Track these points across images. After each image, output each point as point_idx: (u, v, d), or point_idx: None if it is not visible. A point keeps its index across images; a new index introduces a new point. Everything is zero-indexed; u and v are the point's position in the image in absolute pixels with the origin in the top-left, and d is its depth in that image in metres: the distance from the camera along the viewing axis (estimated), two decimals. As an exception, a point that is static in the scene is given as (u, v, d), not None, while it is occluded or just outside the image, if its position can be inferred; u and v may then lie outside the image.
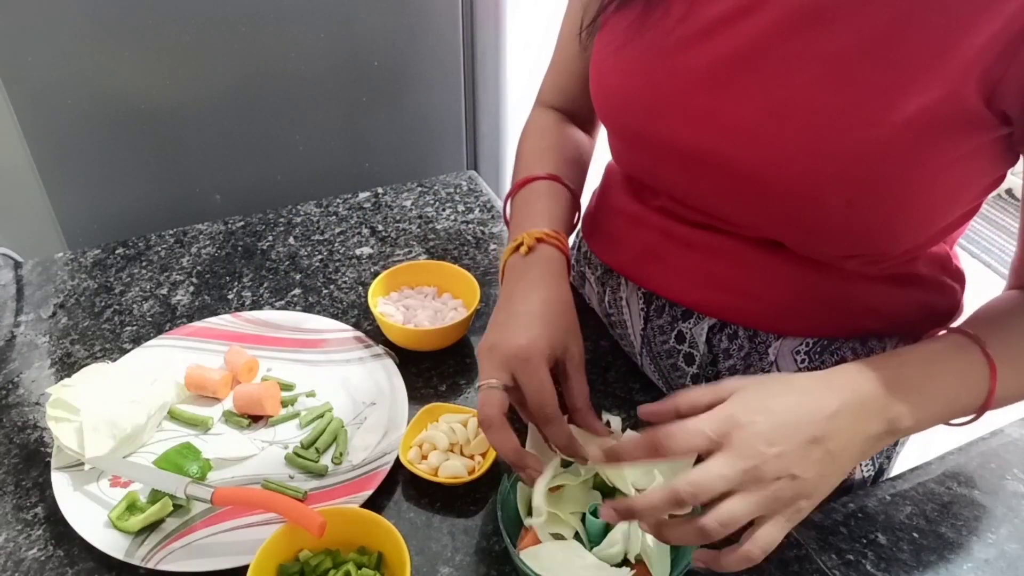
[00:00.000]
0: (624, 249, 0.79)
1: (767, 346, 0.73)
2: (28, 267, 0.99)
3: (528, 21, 1.33)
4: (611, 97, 0.70)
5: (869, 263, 0.66)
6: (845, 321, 0.71)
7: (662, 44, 0.64)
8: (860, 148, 0.55)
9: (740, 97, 0.60)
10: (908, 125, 0.54)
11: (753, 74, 0.59)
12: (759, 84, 0.59)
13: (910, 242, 0.63)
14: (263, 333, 0.86)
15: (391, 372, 0.80)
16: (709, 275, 0.71)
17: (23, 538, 0.67)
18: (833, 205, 0.58)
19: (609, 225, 0.81)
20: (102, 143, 1.14)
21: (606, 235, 0.82)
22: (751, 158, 0.60)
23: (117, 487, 0.70)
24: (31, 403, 0.80)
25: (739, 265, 0.69)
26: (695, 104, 0.62)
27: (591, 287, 0.89)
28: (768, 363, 0.73)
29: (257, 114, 1.22)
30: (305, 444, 0.74)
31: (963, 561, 0.65)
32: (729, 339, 0.74)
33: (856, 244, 0.62)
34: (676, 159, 0.66)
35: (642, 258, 0.77)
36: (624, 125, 0.70)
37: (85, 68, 1.07)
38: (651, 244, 0.75)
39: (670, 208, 0.72)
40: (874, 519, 0.69)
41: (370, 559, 0.61)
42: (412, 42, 1.26)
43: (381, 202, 1.12)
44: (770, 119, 0.58)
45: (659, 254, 0.74)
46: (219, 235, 1.05)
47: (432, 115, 1.36)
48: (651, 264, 0.76)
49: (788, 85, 0.57)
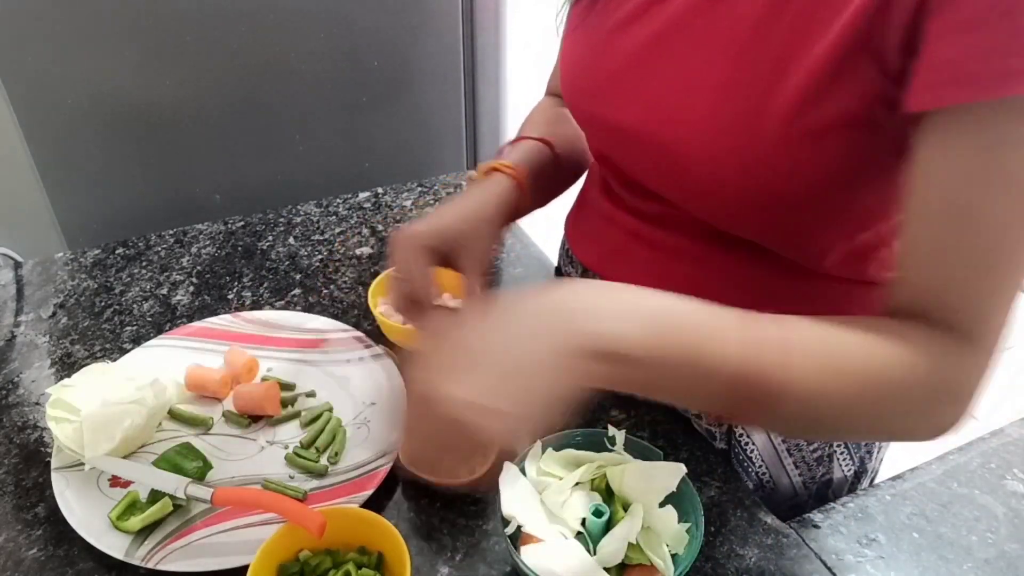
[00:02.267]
0: (598, 248, 0.80)
1: None
2: (28, 267, 0.99)
3: (528, 21, 1.33)
4: (565, 83, 0.73)
5: (809, 257, 0.66)
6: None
7: (600, 30, 0.68)
8: (757, 117, 0.56)
9: (658, 75, 0.63)
10: (797, 90, 0.54)
11: (669, 54, 0.62)
12: (673, 63, 0.61)
13: (822, 219, 0.63)
14: (263, 333, 0.86)
15: (391, 372, 0.80)
16: (671, 276, 0.71)
17: (23, 538, 0.67)
18: (730, 172, 0.59)
19: (586, 223, 0.83)
20: (102, 143, 1.14)
21: (584, 233, 0.84)
22: (667, 131, 0.62)
23: (117, 487, 0.70)
24: (31, 403, 0.80)
25: (701, 266, 0.70)
26: (625, 83, 0.65)
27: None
28: None
29: (257, 114, 1.22)
30: (305, 444, 0.74)
31: (963, 561, 0.65)
32: None
33: (765, 222, 0.63)
34: (615, 138, 0.69)
35: (612, 257, 0.78)
36: (576, 107, 0.73)
37: (85, 68, 1.07)
38: (620, 243, 0.76)
39: (636, 206, 0.73)
40: (874, 519, 0.69)
41: (370, 559, 0.61)
42: (412, 42, 1.26)
43: (381, 202, 1.12)
44: (681, 94, 0.61)
45: (627, 254, 0.76)
46: (219, 235, 1.05)
47: (432, 115, 1.36)
48: (620, 263, 0.77)
49: (696, 62, 0.60)
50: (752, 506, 0.69)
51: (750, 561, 0.64)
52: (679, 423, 0.77)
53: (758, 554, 0.65)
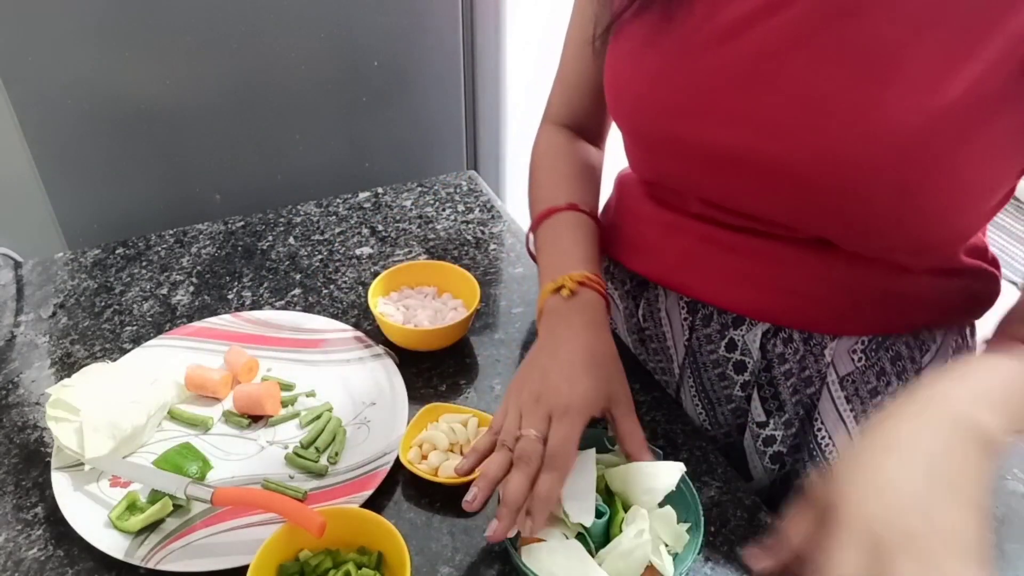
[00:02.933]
0: (660, 258, 0.77)
1: (823, 347, 0.72)
2: (28, 267, 0.99)
3: (528, 21, 1.33)
4: (636, 103, 0.68)
5: (915, 255, 0.65)
6: (897, 316, 0.70)
7: (686, 46, 0.63)
8: (905, 136, 0.55)
9: (775, 92, 0.59)
10: (951, 109, 0.53)
11: (786, 69, 0.58)
12: (794, 78, 0.58)
13: (959, 227, 0.62)
14: (263, 333, 0.86)
15: (391, 372, 0.80)
16: (758, 279, 0.70)
17: (23, 538, 0.67)
18: (879, 195, 0.57)
19: (637, 235, 0.79)
20: (102, 143, 1.14)
21: (635, 246, 0.80)
22: (789, 153, 0.59)
23: (117, 487, 0.70)
24: (31, 403, 0.80)
25: (789, 267, 0.68)
26: (726, 103, 0.61)
27: (615, 305, 0.87)
28: (824, 364, 0.73)
29: (257, 114, 1.21)
30: (305, 444, 0.74)
31: (963, 561, 0.65)
32: (784, 343, 0.72)
33: (906, 234, 0.61)
34: (709, 161, 0.64)
35: (682, 266, 0.74)
36: (650, 131, 0.68)
37: (85, 68, 1.07)
38: (690, 251, 0.73)
39: (706, 213, 0.70)
40: (874, 519, 0.68)
41: (370, 559, 0.61)
42: (412, 43, 1.26)
43: (381, 202, 1.12)
44: (807, 113, 0.58)
45: (700, 261, 0.72)
46: (219, 235, 1.05)
47: (432, 115, 1.36)
48: (693, 271, 0.74)
49: (825, 77, 0.57)
50: (752, 506, 0.69)
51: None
52: (679, 423, 0.77)
53: (758, 554, 0.65)
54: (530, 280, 0.96)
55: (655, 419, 0.77)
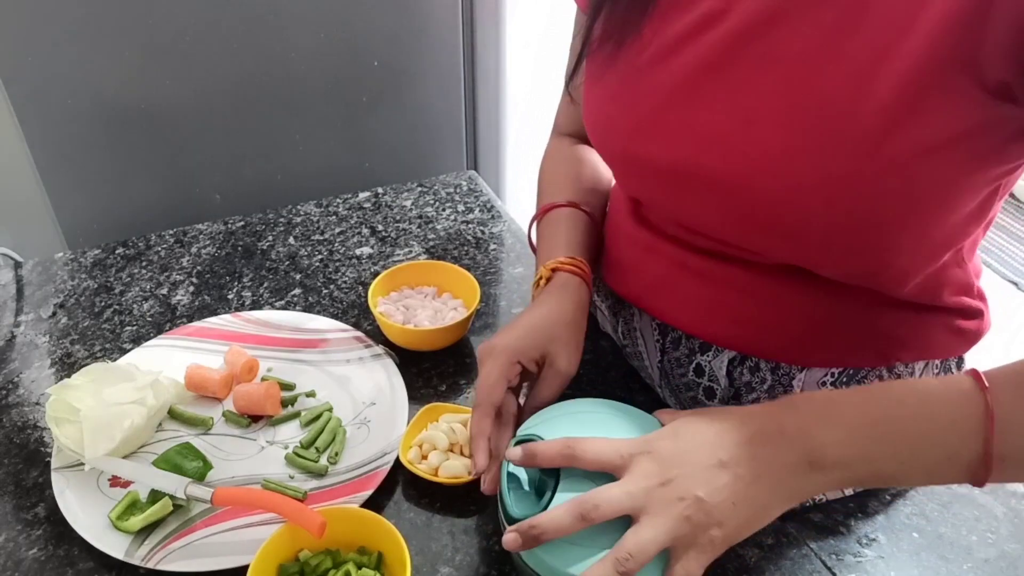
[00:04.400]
0: (637, 279, 0.77)
1: (791, 378, 0.70)
2: (28, 267, 0.99)
3: (528, 21, 1.33)
4: (596, 126, 0.71)
5: (891, 279, 0.63)
6: (870, 350, 0.68)
7: (635, 67, 0.64)
8: (836, 142, 0.53)
9: (711, 106, 0.59)
10: (881, 111, 0.52)
11: (722, 82, 0.58)
12: (728, 91, 0.58)
13: (926, 240, 0.59)
14: (263, 333, 0.86)
15: (391, 372, 0.80)
16: (726, 307, 0.69)
17: (23, 538, 0.67)
18: (813, 207, 0.56)
19: (620, 253, 0.79)
20: (102, 143, 1.14)
21: (617, 263, 0.80)
22: (729, 166, 0.58)
23: (117, 487, 0.70)
24: (31, 403, 0.80)
25: (757, 296, 0.67)
26: (670, 119, 0.62)
27: (603, 315, 0.87)
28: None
29: (257, 114, 1.21)
30: (305, 444, 0.74)
31: (963, 561, 0.65)
32: (751, 372, 0.71)
33: (868, 249, 0.59)
34: (662, 177, 0.65)
35: (655, 288, 0.74)
36: (611, 151, 0.70)
37: (85, 68, 1.07)
38: (664, 274, 0.73)
39: (680, 236, 0.70)
40: (874, 519, 0.69)
41: (370, 559, 0.61)
42: (412, 42, 1.26)
43: (381, 202, 1.12)
44: (742, 125, 0.57)
45: (672, 285, 0.72)
46: (219, 235, 1.05)
47: (432, 115, 1.36)
48: (665, 295, 0.73)
49: (757, 89, 0.56)
50: (752, 506, 0.69)
51: (750, 561, 0.64)
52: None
53: (758, 554, 0.65)
54: (530, 280, 0.96)
55: (655, 419, 0.77)
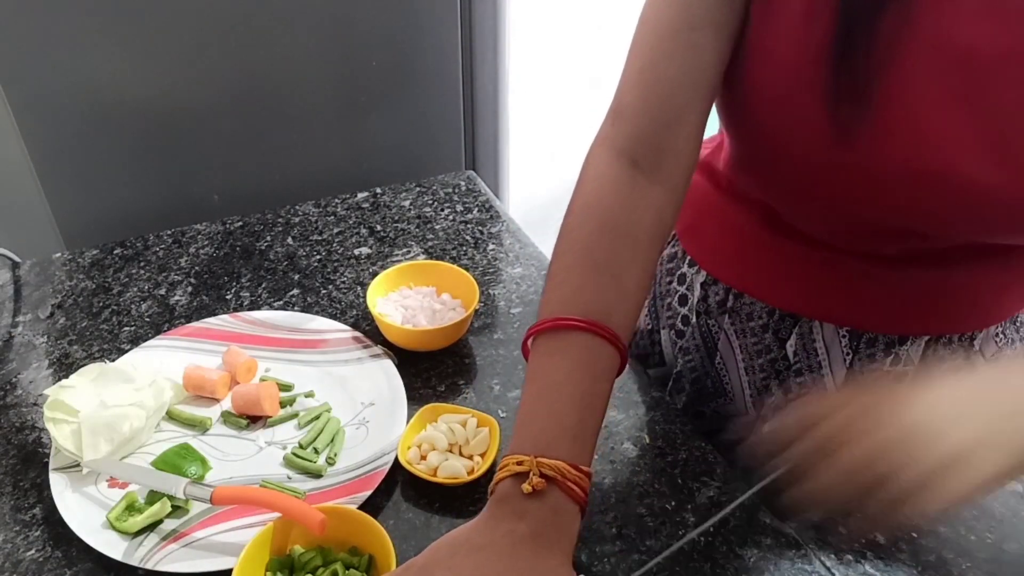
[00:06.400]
0: (819, 293, 0.75)
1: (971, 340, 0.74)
2: (26, 267, 0.99)
3: (527, 21, 1.33)
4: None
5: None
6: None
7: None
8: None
9: (977, 115, 0.55)
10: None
11: (989, 90, 0.55)
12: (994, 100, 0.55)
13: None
14: (261, 333, 0.86)
15: (390, 372, 0.80)
16: (913, 297, 0.72)
17: (21, 539, 0.66)
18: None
19: (779, 272, 0.76)
20: (100, 143, 1.14)
21: (779, 281, 0.76)
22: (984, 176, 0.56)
23: (115, 488, 0.70)
24: (29, 404, 0.80)
25: (939, 278, 0.69)
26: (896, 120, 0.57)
27: (733, 340, 0.81)
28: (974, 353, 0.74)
29: (255, 114, 1.21)
30: (303, 444, 0.73)
31: (963, 561, 0.65)
32: (943, 347, 0.74)
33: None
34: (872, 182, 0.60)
35: (841, 297, 0.74)
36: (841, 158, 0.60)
37: (83, 68, 1.07)
38: (846, 280, 0.73)
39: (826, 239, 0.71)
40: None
41: (360, 561, 0.61)
42: (411, 42, 1.26)
43: (379, 202, 1.12)
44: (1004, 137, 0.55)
45: (857, 289, 0.73)
46: (217, 235, 1.05)
47: (431, 115, 1.35)
48: (853, 300, 0.74)
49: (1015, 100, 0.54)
50: (752, 506, 0.69)
51: (750, 561, 0.64)
52: (677, 423, 0.77)
53: (758, 554, 0.65)
54: (529, 280, 0.96)
55: (654, 419, 0.77)
